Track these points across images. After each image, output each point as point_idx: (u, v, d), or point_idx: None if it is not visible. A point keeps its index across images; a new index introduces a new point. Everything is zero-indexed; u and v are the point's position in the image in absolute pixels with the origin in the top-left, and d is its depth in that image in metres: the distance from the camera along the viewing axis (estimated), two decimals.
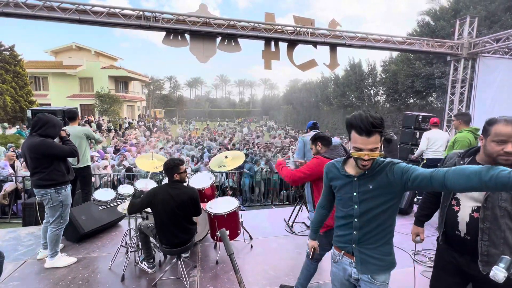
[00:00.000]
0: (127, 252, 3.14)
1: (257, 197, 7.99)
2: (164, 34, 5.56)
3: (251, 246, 3.62)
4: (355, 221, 1.47)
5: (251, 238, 3.76)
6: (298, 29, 6.02)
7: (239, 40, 5.95)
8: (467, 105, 7.64)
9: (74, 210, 3.60)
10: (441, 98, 15.66)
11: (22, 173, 6.18)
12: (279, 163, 2.75)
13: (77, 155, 3.14)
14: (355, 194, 1.46)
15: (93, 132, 4.44)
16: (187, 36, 5.66)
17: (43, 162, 2.88)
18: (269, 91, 74.37)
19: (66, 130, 3.24)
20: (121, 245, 3.24)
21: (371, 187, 1.41)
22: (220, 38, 5.82)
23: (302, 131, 23.79)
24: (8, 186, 5.86)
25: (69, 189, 3.12)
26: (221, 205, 3.37)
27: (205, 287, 2.79)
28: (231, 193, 3.91)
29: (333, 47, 6.40)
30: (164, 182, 3.38)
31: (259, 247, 3.60)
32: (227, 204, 3.39)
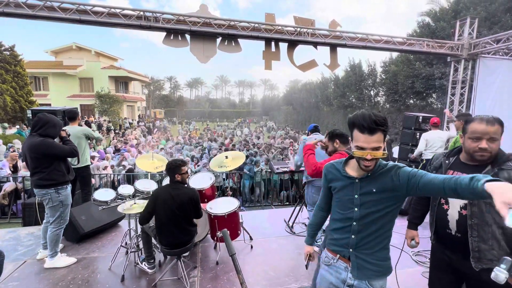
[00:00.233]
0: (127, 253, 3.13)
1: (257, 198, 7.99)
2: (164, 34, 5.57)
3: (251, 247, 3.62)
4: (354, 224, 1.41)
5: (251, 239, 3.76)
6: (298, 29, 6.03)
7: (240, 41, 5.95)
8: (467, 105, 7.64)
9: (74, 210, 3.60)
10: (441, 99, 15.66)
11: (22, 173, 6.18)
12: (308, 147, 2.42)
13: (77, 155, 3.15)
14: (356, 197, 1.40)
15: (92, 131, 4.44)
16: (188, 37, 5.67)
17: (43, 162, 2.88)
18: (269, 91, 74.48)
19: (66, 130, 3.24)
20: (121, 245, 3.24)
21: (374, 190, 1.36)
22: (220, 38, 5.83)
23: (302, 132, 23.80)
24: (8, 186, 5.86)
25: (69, 189, 3.12)
26: (221, 206, 3.37)
27: (205, 287, 2.79)
28: (231, 193, 3.90)
29: (333, 47, 6.41)
30: (164, 182, 3.38)
31: (259, 248, 3.60)
32: (227, 205, 3.38)
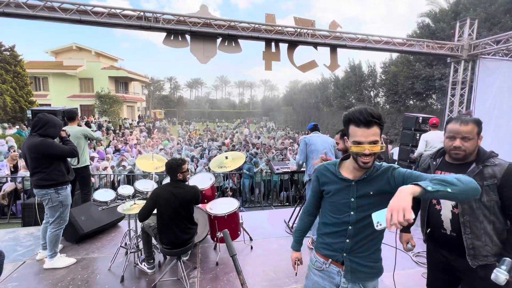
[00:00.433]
0: (126, 253, 3.13)
1: (257, 198, 7.98)
2: (164, 34, 5.57)
3: (251, 247, 3.61)
4: (349, 228, 1.38)
5: (251, 239, 3.75)
6: (298, 30, 6.03)
7: (240, 41, 5.95)
8: (467, 106, 7.64)
9: (73, 211, 3.59)
10: (441, 100, 15.68)
11: (22, 173, 6.17)
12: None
13: (77, 155, 3.15)
14: (352, 200, 1.36)
15: (92, 132, 4.44)
16: (188, 37, 5.66)
17: (43, 162, 2.88)
18: (269, 92, 74.50)
19: (66, 131, 3.24)
20: (120, 246, 3.23)
21: (371, 192, 1.34)
22: (220, 39, 5.82)
23: (302, 132, 23.79)
24: (8, 186, 5.85)
25: (69, 190, 3.12)
26: (221, 206, 3.37)
27: None
28: (231, 194, 3.90)
29: (333, 48, 6.41)
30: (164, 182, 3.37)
31: (259, 248, 3.59)
32: (227, 205, 3.38)
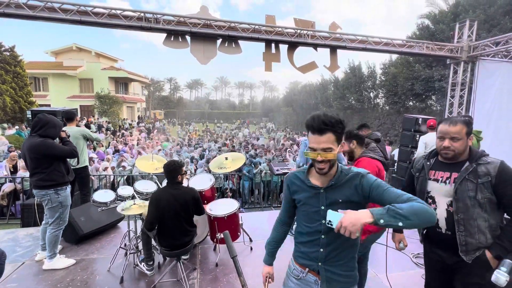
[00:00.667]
0: (126, 254, 3.12)
1: (256, 199, 7.97)
2: (164, 35, 5.57)
3: (251, 249, 3.60)
4: (322, 237, 1.34)
5: (251, 240, 3.75)
6: (298, 31, 6.04)
7: (240, 42, 5.96)
8: (467, 108, 7.65)
9: (73, 211, 3.59)
10: (440, 101, 15.69)
11: (21, 173, 6.16)
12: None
13: (77, 156, 3.15)
14: (322, 208, 1.33)
15: (91, 132, 4.44)
16: (188, 38, 5.67)
17: (43, 163, 2.87)
18: (269, 93, 74.53)
19: (66, 131, 3.24)
20: (120, 246, 3.23)
21: (340, 200, 1.31)
22: (220, 40, 5.83)
23: (301, 133, 23.79)
24: (7, 187, 5.84)
25: (69, 190, 3.12)
26: (221, 207, 3.36)
27: None
28: (231, 195, 3.90)
29: (333, 49, 6.42)
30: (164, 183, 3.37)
31: (259, 250, 3.58)
32: (227, 206, 3.38)
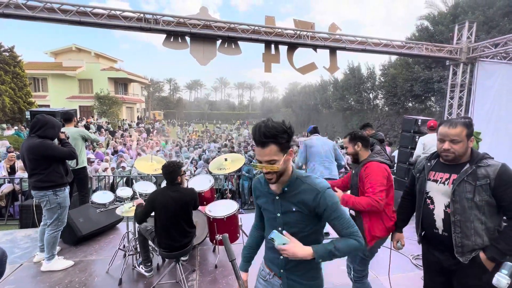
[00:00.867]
0: (125, 256, 3.11)
1: None
2: (164, 36, 5.57)
3: None
4: None
5: None
6: (298, 32, 6.04)
7: (239, 43, 5.96)
8: (466, 109, 7.66)
9: (71, 213, 3.58)
10: (440, 102, 15.72)
11: (20, 174, 6.13)
12: (346, 198, 2.01)
13: (76, 157, 3.14)
14: (278, 215, 1.33)
15: (89, 133, 4.43)
16: (188, 39, 5.67)
17: (42, 164, 2.86)
18: (268, 94, 74.68)
19: (65, 133, 3.23)
20: (119, 248, 3.22)
21: (294, 209, 1.29)
22: (220, 40, 5.83)
23: (300, 134, 23.79)
24: (5, 188, 5.82)
25: (67, 191, 3.10)
26: (220, 208, 3.35)
27: None
28: (230, 196, 3.88)
29: (332, 50, 6.42)
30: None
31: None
32: (226, 207, 3.36)
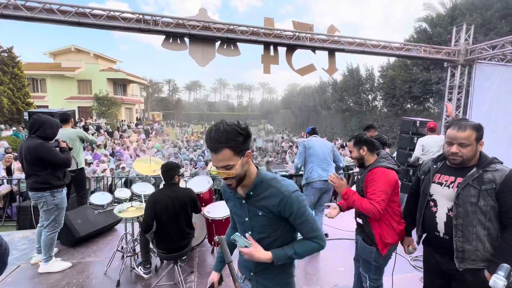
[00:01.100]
0: (123, 257, 3.10)
1: None
2: (163, 37, 5.57)
3: None
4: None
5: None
6: (297, 34, 6.06)
7: (238, 44, 5.97)
8: (464, 110, 7.69)
9: (69, 214, 3.56)
10: (438, 104, 15.79)
11: (18, 175, 6.11)
12: (348, 193, 1.94)
13: (69, 166, 3.06)
14: (246, 219, 1.30)
15: (87, 134, 4.42)
16: (187, 40, 5.67)
17: (39, 165, 2.85)
18: (267, 95, 74.80)
19: (67, 142, 3.20)
20: (117, 249, 3.20)
21: (260, 213, 1.25)
22: (219, 42, 5.84)
23: (299, 135, 23.82)
24: (3, 189, 5.79)
25: (65, 193, 3.09)
26: (219, 210, 3.34)
27: None
28: None
29: (331, 52, 6.44)
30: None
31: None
32: (225, 209, 3.35)
